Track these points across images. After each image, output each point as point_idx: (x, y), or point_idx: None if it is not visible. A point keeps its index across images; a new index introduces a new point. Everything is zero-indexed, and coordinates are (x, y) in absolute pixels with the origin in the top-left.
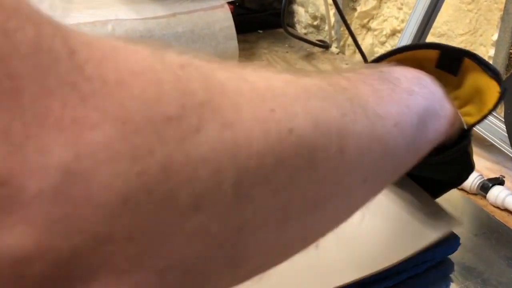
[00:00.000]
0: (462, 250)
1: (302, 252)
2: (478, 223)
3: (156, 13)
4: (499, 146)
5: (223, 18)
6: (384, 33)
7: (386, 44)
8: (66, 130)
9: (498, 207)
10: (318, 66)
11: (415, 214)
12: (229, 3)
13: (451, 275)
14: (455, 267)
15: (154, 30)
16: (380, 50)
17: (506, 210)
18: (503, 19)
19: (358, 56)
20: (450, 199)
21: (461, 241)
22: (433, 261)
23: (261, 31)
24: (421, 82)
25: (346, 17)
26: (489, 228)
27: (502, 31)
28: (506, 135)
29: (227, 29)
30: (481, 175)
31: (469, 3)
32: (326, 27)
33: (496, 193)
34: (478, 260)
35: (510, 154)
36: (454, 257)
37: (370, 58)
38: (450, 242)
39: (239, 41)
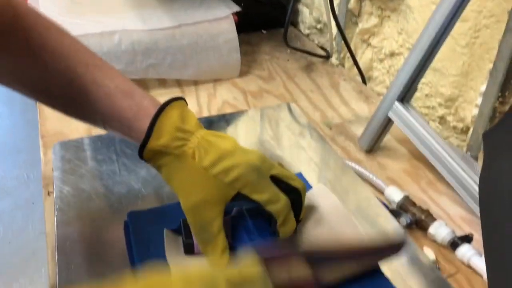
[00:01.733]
0: None
1: None
2: None
3: (162, 24)
4: (470, 205)
5: (228, 30)
6: (383, 51)
7: (385, 62)
8: None
9: (464, 263)
10: (317, 80)
11: None
12: (234, 13)
13: None
14: None
15: (159, 41)
16: (379, 66)
17: (470, 266)
18: (491, 73)
19: (356, 70)
20: (419, 266)
21: None
22: None
23: (264, 31)
24: None
25: (348, 31)
26: None
27: (490, 85)
28: (477, 196)
29: (231, 42)
30: (452, 231)
31: (464, 47)
32: (328, 35)
33: (463, 252)
34: None
35: (478, 213)
36: None
37: (368, 73)
38: None
39: (242, 42)
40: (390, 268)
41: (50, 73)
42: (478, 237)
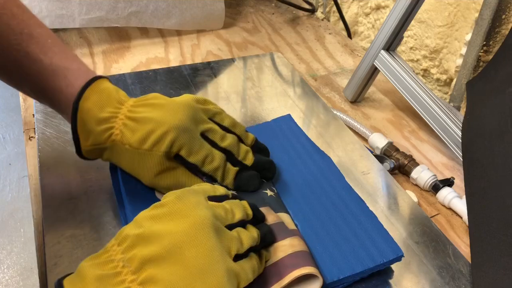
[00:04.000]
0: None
1: None
2: (421, 230)
3: None
4: (452, 150)
5: None
6: (369, 5)
7: (370, 16)
8: None
9: (444, 206)
10: (302, 33)
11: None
12: None
13: (390, 280)
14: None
15: None
16: (364, 21)
17: (450, 209)
18: (477, 22)
19: (342, 24)
20: (402, 206)
21: (403, 249)
22: (378, 268)
23: None
24: None
25: None
26: (430, 237)
27: (475, 34)
28: (460, 140)
29: None
30: (435, 175)
31: None
32: None
33: (445, 194)
34: (410, 268)
35: (461, 158)
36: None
37: (353, 28)
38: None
39: None
40: (375, 209)
41: None
42: (458, 182)
